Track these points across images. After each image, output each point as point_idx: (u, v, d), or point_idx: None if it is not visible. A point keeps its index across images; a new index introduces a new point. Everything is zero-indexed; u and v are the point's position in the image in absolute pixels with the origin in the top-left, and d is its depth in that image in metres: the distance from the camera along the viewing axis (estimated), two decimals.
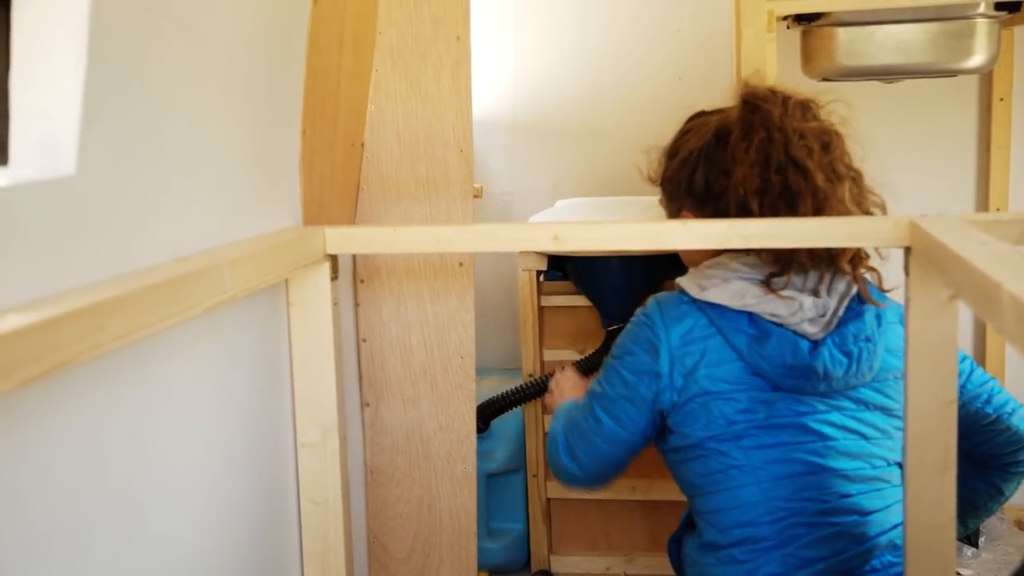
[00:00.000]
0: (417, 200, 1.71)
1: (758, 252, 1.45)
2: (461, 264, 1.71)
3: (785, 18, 2.20)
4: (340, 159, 1.58)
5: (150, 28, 0.94)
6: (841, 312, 1.43)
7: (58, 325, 0.69)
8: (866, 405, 1.44)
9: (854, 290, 1.44)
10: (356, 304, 1.72)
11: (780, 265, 1.43)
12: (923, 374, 1.21)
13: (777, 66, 2.02)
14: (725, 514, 1.43)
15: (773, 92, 1.50)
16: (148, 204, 0.96)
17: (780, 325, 1.41)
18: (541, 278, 2.45)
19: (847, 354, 1.40)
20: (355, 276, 1.72)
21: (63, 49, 0.82)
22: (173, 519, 1.01)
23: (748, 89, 1.52)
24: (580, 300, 2.44)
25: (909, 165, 2.73)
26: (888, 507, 1.42)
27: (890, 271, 1.41)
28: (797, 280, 1.43)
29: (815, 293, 1.43)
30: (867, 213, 1.48)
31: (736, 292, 1.43)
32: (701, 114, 1.61)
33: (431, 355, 1.73)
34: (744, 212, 1.45)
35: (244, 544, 1.20)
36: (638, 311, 1.51)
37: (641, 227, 1.36)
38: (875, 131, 2.81)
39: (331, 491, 1.36)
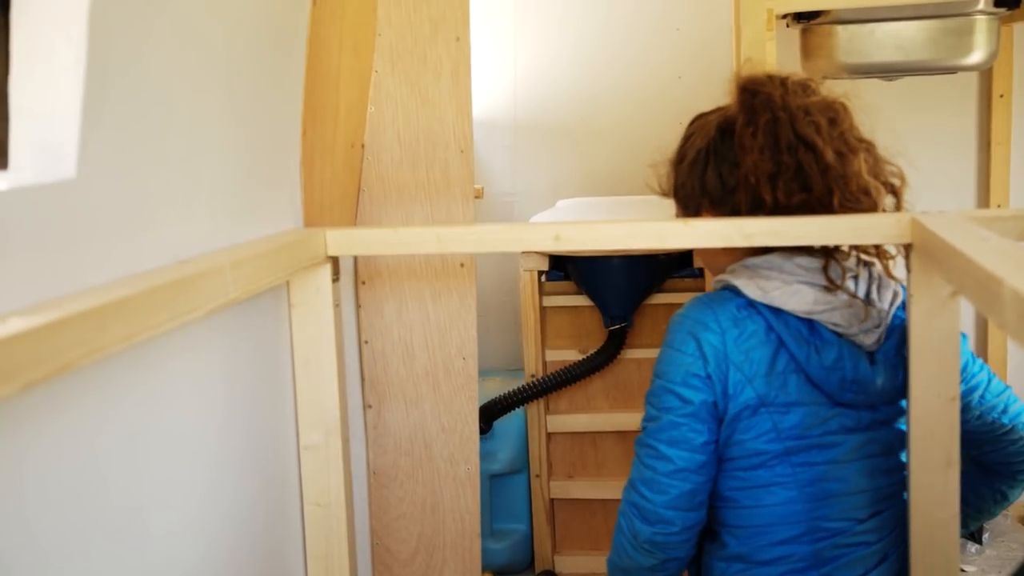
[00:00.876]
0: (418, 201, 1.71)
1: (804, 248, 1.36)
2: (462, 265, 1.71)
3: (784, 16, 2.20)
4: (340, 161, 1.58)
5: (149, 31, 0.94)
6: (890, 321, 1.37)
7: (60, 328, 0.69)
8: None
9: (900, 298, 1.38)
10: (358, 306, 1.72)
11: (825, 255, 1.36)
12: (925, 371, 1.21)
13: (777, 65, 2.01)
14: (763, 531, 1.36)
15: (770, 76, 1.46)
16: (149, 207, 0.96)
17: (840, 335, 1.34)
18: (543, 278, 2.45)
19: (899, 366, 1.35)
20: (356, 278, 1.72)
21: (63, 52, 0.82)
22: (176, 522, 1.01)
23: (745, 76, 1.48)
24: (582, 300, 2.45)
25: (909, 162, 2.73)
26: None
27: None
28: (850, 285, 1.36)
29: (869, 301, 1.36)
30: (885, 183, 1.43)
31: (802, 297, 1.34)
32: (701, 115, 1.56)
33: (433, 356, 1.73)
34: (757, 202, 1.38)
35: (247, 547, 1.20)
36: (678, 316, 1.40)
37: (643, 226, 1.36)
38: (875, 128, 2.82)
39: (334, 493, 1.36)
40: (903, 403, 1.37)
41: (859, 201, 1.37)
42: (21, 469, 0.75)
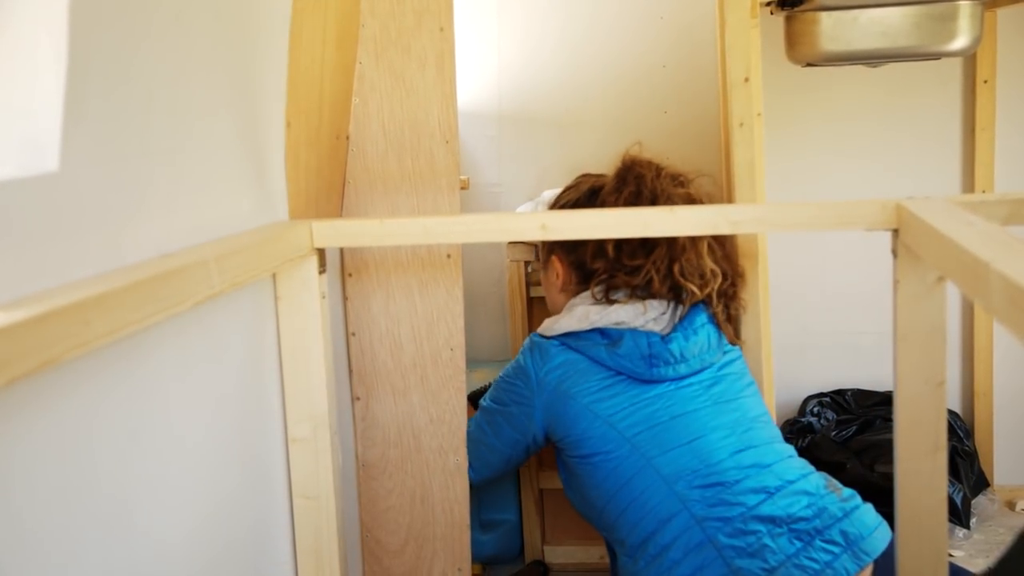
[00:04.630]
0: (403, 193, 1.71)
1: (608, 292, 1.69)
2: (449, 256, 1.71)
3: (768, 3, 2.20)
4: (325, 152, 1.57)
5: (131, 23, 0.94)
6: (682, 311, 1.66)
7: (44, 323, 0.68)
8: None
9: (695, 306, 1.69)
10: (344, 298, 1.72)
11: (623, 286, 1.67)
12: (911, 357, 1.21)
13: (761, 52, 2.01)
14: (629, 511, 1.57)
15: (651, 163, 1.76)
16: (132, 200, 0.95)
17: (629, 329, 1.63)
18: (529, 268, 2.45)
19: (696, 333, 1.65)
20: (343, 270, 1.71)
21: (44, 45, 0.82)
22: (164, 516, 1.01)
23: (629, 157, 1.78)
24: None
25: (894, 148, 2.74)
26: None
27: (877, 257, 1.41)
28: (638, 290, 1.66)
29: (653, 296, 1.66)
30: (723, 269, 1.71)
31: (579, 316, 1.67)
32: (585, 176, 1.90)
33: (421, 348, 1.73)
34: (601, 254, 1.69)
35: (236, 541, 1.20)
36: (521, 349, 1.76)
37: (628, 214, 1.36)
38: (860, 115, 2.83)
39: (323, 486, 1.36)
40: (709, 358, 1.66)
41: (693, 278, 1.66)
42: (8, 464, 0.74)
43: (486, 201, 2.85)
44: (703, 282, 1.68)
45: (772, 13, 2.27)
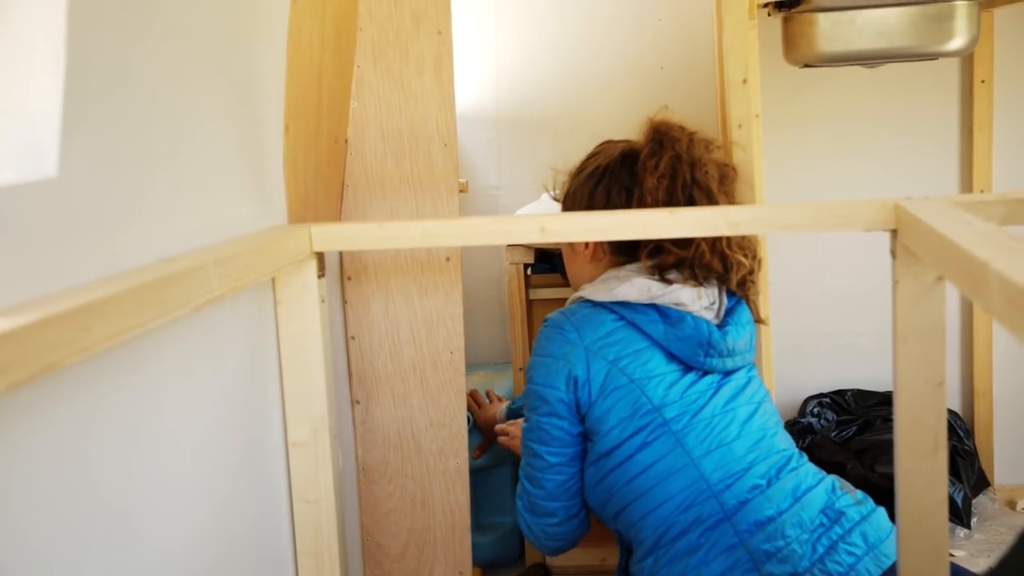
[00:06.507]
0: (402, 196, 1.71)
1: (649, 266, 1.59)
2: (448, 259, 1.71)
3: (766, 5, 2.20)
4: (324, 156, 1.57)
5: (130, 27, 0.94)
6: (725, 300, 1.61)
7: (44, 328, 0.68)
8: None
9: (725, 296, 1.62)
10: (344, 301, 1.72)
11: (674, 267, 1.58)
12: (911, 357, 1.21)
13: (759, 53, 2.02)
14: (663, 508, 1.49)
15: (682, 127, 1.66)
16: (132, 205, 0.95)
17: (689, 312, 1.55)
18: (528, 271, 2.45)
19: (743, 328, 1.60)
20: (342, 273, 1.71)
21: (42, 50, 0.82)
22: (164, 521, 1.01)
23: (657, 121, 1.67)
24: (568, 292, 2.44)
25: (893, 148, 2.74)
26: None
27: (876, 256, 1.41)
28: (689, 267, 1.58)
29: (703, 273, 1.59)
30: (752, 248, 1.67)
31: (640, 287, 1.55)
32: (609, 141, 1.76)
33: (420, 351, 1.73)
34: None
35: (236, 544, 1.20)
36: (542, 328, 1.61)
37: (628, 216, 1.36)
38: (858, 116, 2.83)
39: (323, 489, 1.36)
40: (749, 357, 1.62)
41: (736, 250, 1.61)
42: (9, 470, 0.74)
43: (485, 204, 2.86)
44: (746, 255, 1.62)
45: (770, 14, 2.28)
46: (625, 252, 1.63)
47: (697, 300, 1.55)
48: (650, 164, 1.61)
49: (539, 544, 1.66)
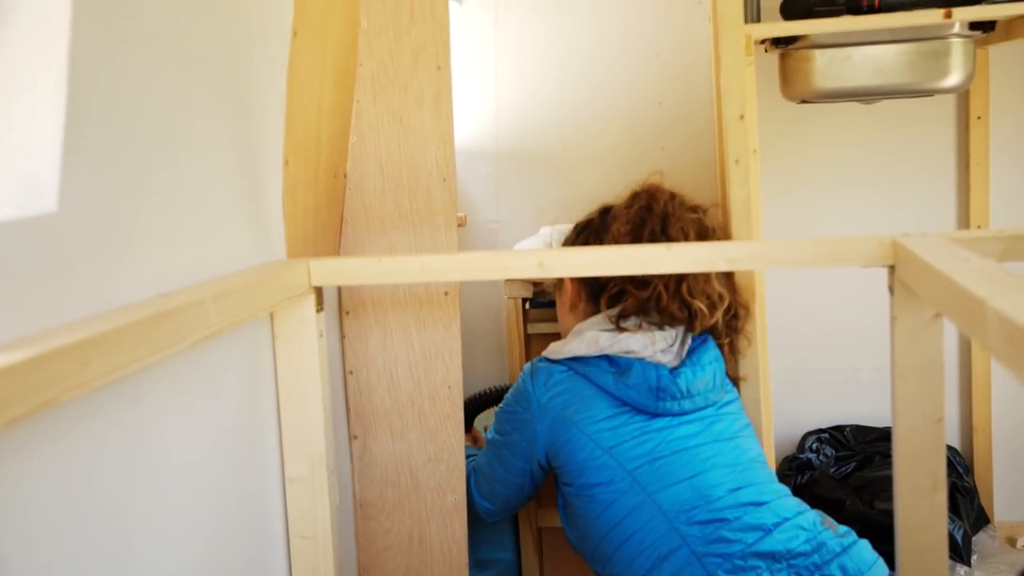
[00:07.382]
0: (401, 231, 1.71)
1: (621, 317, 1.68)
2: (446, 293, 1.71)
3: (763, 41, 2.22)
4: (323, 191, 1.57)
5: (130, 63, 0.94)
6: (689, 341, 1.68)
7: (42, 364, 0.68)
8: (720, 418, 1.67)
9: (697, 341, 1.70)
10: (342, 336, 1.72)
11: (634, 314, 1.67)
12: (910, 393, 1.21)
13: (757, 88, 2.03)
14: (630, 543, 1.55)
15: (669, 191, 1.78)
16: (131, 240, 0.96)
17: (638, 359, 1.62)
18: (527, 305, 2.45)
19: (703, 369, 1.65)
20: (340, 308, 1.71)
21: (43, 86, 0.82)
22: (161, 555, 1.00)
23: (648, 183, 1.81)
24: None
25: (890, 184, 2.75)
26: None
27: (875, 292, 1.41)
28: (645, 322, 1.67)
29: (661, 327, 1.66)
30: (730, 295, 1.73)
31: (589, 341, 1.66)
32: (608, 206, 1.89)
33: (418, 386, 1.72)
34: None
35: None
36: (520, 373, 1.76)
37: (625, 252, 1.36)
38: (856, 150, 2.84)
39: (320, 525, 1.35)
40: (712, 397, 1.66)
41: (699, 297, 1.67)
42: (8, 505, 0.74)
43: (483, 238, 2.86)
44: (711, 303, 1.68)
45: (767, 51, 2.29)
46: (594, 300, 1.77)
47: (649, 346, 1.64)
48: (621, 213, 1.76)
49: (471, 502, 1.82)
